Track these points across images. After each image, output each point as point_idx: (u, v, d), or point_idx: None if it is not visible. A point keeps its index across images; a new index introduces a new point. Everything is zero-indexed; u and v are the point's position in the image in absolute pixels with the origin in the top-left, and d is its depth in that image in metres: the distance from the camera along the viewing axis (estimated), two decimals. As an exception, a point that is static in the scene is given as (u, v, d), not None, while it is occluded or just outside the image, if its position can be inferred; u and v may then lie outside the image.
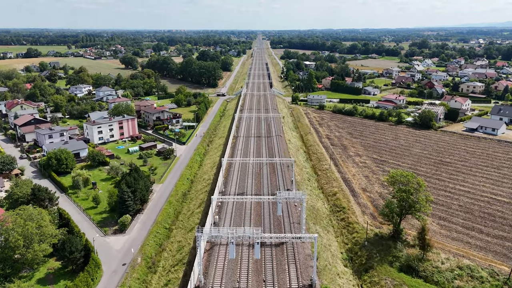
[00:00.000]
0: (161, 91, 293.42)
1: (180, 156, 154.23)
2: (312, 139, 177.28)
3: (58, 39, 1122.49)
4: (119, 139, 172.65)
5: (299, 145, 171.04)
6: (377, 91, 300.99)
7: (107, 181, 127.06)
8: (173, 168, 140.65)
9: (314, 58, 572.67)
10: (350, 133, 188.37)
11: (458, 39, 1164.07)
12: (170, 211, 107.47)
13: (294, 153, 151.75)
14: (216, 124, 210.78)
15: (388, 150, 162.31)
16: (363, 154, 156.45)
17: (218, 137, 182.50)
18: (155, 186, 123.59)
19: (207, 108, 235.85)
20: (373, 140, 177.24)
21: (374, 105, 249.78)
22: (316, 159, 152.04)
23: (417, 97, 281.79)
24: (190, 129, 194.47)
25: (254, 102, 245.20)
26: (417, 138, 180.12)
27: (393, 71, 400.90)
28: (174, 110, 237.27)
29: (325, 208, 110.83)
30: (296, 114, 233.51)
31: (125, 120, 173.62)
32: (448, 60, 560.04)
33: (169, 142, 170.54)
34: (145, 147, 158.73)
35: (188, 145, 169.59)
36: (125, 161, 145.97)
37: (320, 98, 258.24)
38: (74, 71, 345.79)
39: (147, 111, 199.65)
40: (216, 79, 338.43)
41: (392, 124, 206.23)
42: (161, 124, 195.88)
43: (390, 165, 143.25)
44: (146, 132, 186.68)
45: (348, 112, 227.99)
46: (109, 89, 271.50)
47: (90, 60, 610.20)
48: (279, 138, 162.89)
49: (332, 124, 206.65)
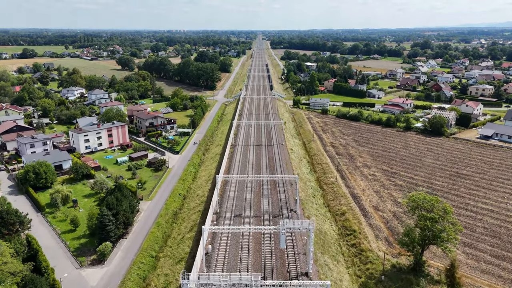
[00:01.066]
0: (157, 94, 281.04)
1: (173, 167, 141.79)
2: (316, 148, 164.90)
3: (56, 39, 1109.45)
4: (108, 148, 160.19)
5: (302, 154, 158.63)
6: (381, 93, 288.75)
7: (90, 198, 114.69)
8: (165, 182, 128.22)
9: (315, 59, 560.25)
10: (356, 141, 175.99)
11: (460, 40, 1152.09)
12: (158, 234, 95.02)
13: (297, 164, 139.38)
14: (213, 130, 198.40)
15: (398, 160, 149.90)
16: (371, 165, 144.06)
17: (215, 145, 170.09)
18: (143, 204, 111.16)
19: (204, 113, 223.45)
20: (381, 148, 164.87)
21: (379, 109, 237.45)
22: (321, 171, 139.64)
23: (424, 100, 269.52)
24: (185, 136, 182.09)
25: (253, 106, 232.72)
26: (429, 146, 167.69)
27: (397, 73, 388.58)
28: (170, 114, 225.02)
29: (333, 230, 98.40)
30: (298, 119, 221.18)
31: (115, 127, 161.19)
32: (452, 61, 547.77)
33: (161, 151, 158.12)
34: (135, 157, 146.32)
35: (182, 154, 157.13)
36: (112, 173, 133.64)
37: (323, 101, 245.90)
38: (67, 73, 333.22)
39: (140, 116, 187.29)
40: (214, 81, 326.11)
41: (400, 130, 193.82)
42: (154, 131, 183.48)
43: (401, 178, 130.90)
44: (138, 139, 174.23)
45: (353, 117, 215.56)
46: (101, 92, 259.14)
47: (86, 60, 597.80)
48: (280, 147, 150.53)
49: (336, 130, 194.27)
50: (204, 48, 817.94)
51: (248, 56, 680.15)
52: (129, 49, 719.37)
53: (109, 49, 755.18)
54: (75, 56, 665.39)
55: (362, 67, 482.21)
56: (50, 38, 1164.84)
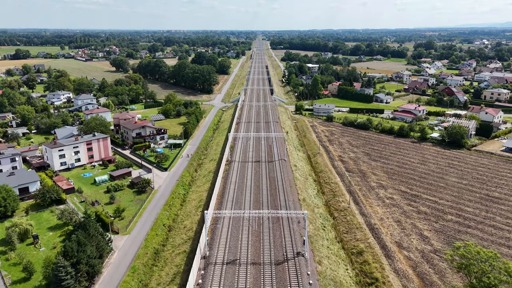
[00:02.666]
0: (149, 99, 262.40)
1: (159, 188, 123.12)
2: (323, 162, 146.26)
3: (52, 40, 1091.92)
4: (88, 164, 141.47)
5: (307, 171, 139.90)
6: (389, 98, 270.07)
7: (56, 230, 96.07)
8: (148, 208, 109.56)
9: (317, 60, 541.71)
10: (367, 154, 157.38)
11: (462, 40, 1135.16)
12: (133, 285, 76.41)
13: (302, 184, 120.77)
14: (208, 140, 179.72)
15: (417, 178, 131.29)
16: (387, 185, 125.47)
17: (209, 159, 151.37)
18: (118, 239, 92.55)
19: (199, 121, 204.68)
20: (396, 163, 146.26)
21: (389, 116, 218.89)
22: (329, 192, 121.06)
23: (435, 105, 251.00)
24: (177, 147, 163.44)
25: (252, 114, 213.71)
26: (449, 161, 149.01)
27: (404, 75, 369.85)
28: (161, 122, 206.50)
29: (350, 277, 79.79)
30: (301, 127, 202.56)
31: (95, 140, 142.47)
32: (458, 62, 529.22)
33: (148, 167, 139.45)
34: (117, 176, 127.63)
35: (171, 171, 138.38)
36: (88, 197, 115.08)
37: (327, 107, 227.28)
38: (54, 75, 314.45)
39: (126, 126, 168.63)
40: (211, 84, 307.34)
41: (415, 141, 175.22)
42: (143, 142, 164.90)
43: (424, 203, 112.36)
44: (123, 153, 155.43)
45: (361, 125, 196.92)
46: (89, 96, 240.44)
47: (80, 62, 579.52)
48: (282, 164, 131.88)
49: (344, 141, 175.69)
50: (203, 48, 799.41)
51: (248, 57, 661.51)
52: (126, 49, 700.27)
53: (105, 50, 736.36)
54: (70, 57, 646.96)
55: (365, 68, 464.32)
56: (47, 39, 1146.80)
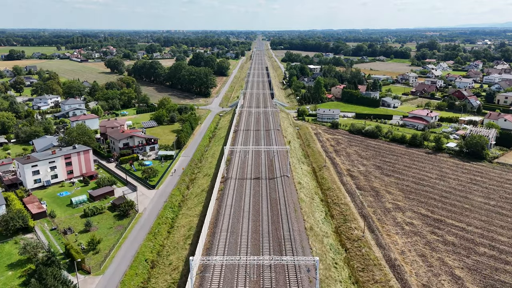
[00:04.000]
0: (142, 103, 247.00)
1: (144, 210, 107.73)
2: (330, 178, 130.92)
3: (50, 40, 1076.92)
4: (66, 180, 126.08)
5: (313, 188, 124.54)
6: (397, 102, 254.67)
7: (17, 269, 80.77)
8: (129, 237, 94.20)
9: (318, 61, 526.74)
10: (379, 167, 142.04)
11: (464, 40, 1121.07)
12: None
13: (308, 207, 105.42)
14: (203, 151, 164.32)
15: (437, 198, 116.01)
16: (405, 206, 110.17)
17: (202, 174, 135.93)
18: (89, 282, 77.21)
19: (193, 128, 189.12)
20: (412, 178, 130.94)
21: (398, 123, 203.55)
22: (339, 215, 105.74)
23: (446, 110, 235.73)
24: (168, 159, 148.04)
25: (251, 121, 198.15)
26: (471, 176, 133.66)
27: (410, 77, 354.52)
28: (153, 129, 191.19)
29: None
30: (305, 135, 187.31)
31: (75, 153, 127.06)
32: (464, 63, 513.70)
33: (134, 184, 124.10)
34: (97, 196, 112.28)
35: (160, 188, 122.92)
36: (61, 222, 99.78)
37: (332, 113, 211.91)
38: (43, 78, 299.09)
39: (112, 136, 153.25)
40: (208, 87, 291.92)
41: (430, 151, 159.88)
42: (130, 154, 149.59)
43: (450, 230, 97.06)
44: (107, 167, 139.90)
45: (370, 133, 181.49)
46: (77, 101, 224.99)
47: (75, 62, 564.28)
48: (285, 181, 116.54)
49: (352, 151, 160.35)
50: (202, 49, 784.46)
51: (247, 57, 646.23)
52: (123, 50, 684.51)
53: (102, 50, 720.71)
54: (65, 57, 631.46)
55: (369, 70, 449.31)
56: (44, 39, 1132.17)
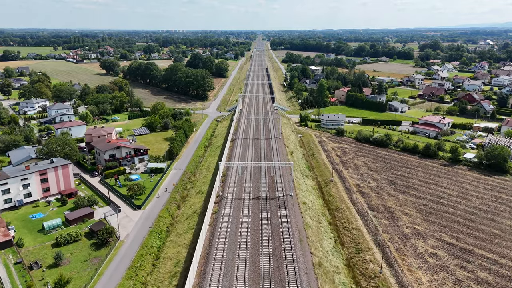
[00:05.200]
0: (135, 107, 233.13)
1: (127, 237, 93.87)
2: (338, 195, 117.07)
3: (47, 40, 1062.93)
4: (41, 199, 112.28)
5: (320, 208, 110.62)
6: (405, 106, 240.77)
7: (-34, 318, 67.00)
8: (106, 273, 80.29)
9: (320, 62, 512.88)
10: (392, 182, 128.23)
11: (466, 40, 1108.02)
12: None
13: (315, 234, 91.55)
14: (197, 162, 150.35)
15: (461, 221, 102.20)
16: (425, 232, 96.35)
17: (196, 190, 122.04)
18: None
19: (188, 136, 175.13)
20: (429, 196, 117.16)
21: (409, 129, 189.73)
22: (351, 243, 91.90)
23: (457, 115, 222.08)
24: (158, 173, 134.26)
25: (251, 129, 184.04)
26: (495, 193, 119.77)
27: (416, 79, 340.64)
28: (144, 137, 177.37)
29: None
30: (308, 143, 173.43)
31: (52, 168, 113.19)
32: (469, 64, 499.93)
33: (118, 204, 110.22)
34: (73, 219, 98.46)
35: (147, 209, 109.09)
36: (28, 253, 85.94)
37: (337, 119, 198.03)
38: (31, 80, 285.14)
39: (97, 146, 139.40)
40: (205, 90, 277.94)
41: (446, 163, 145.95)
42: (117, 166, 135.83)
43: (481, 264, 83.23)
44: (90, 182, 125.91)
45: (378, 142, 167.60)
46: (65, 106, 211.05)
47: (70, 63, 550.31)
48: (288, 202, 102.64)
49: (360, 163, 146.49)
50: (201, 49, 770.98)
51: (247, 58, 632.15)
52: (121, 50, 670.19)
53: (99, 51, 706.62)
54: (61, 58, 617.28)
55: (372, 71, 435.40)
56: (42, 39, 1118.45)
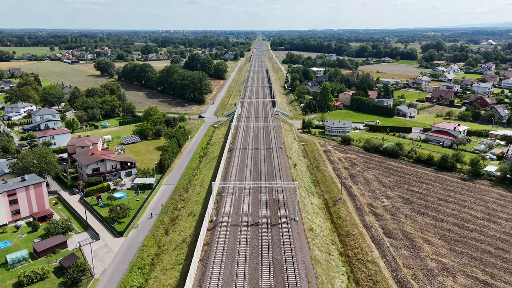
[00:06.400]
0: (127, 112, 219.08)
1: (103, 273, 79.81)
2: (348, 218, 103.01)
3: (45, 40, 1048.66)
4: (10, 223, 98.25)
5: (328, 234, 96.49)
6: (413, 111, 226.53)
7: None
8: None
9: (321, 63, 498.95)
10: (407, 200, 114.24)
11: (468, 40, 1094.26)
12: None
13: (325, 273, 77.46)
14: (191, 175, 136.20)
15: (493, 251, 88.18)
16: (453, 266, 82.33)
17: (187, 211, 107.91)
18: None
19: (181, 146, 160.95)
20: (452, 218, 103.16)
21: (420, 137, 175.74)
22: (366, 281, 77.82)
23: (470, 121, 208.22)
24: (146, 189, 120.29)
25: (250, 138, 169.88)
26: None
27: (422, 81, 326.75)
28: (135, 146, 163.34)
29: None
30: (312, 153, 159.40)
31: (22, 188, 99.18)
32: (475, 65, 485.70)
33: (98, 229, 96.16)
34: (42, 250, 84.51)
35: (130, 235, 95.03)
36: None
37: (343, 125, 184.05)
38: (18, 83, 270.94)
39: (79, 159, 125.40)
40: (202, 93, 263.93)
41: (465, 177, 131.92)
42: (101, 182, 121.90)
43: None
44: (68, 202, 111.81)
45: (389, 152, 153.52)
46: (51, 111, 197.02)
47: (66, 64, 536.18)
48: (292, 228, 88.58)
49: (370, 177, 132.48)
50: (200, 49, 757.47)
51: (247, 59, 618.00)
52: (118, 51, 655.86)
53: (96, 51, 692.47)
54: (56, 59, 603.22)
55: (375, 72, 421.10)
56: (40, 39, 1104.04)
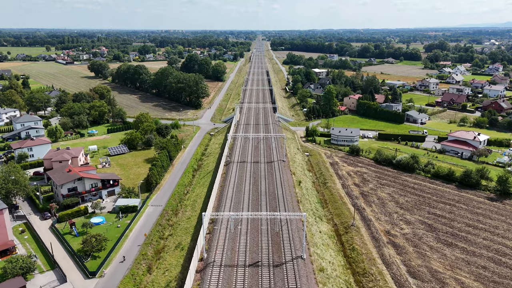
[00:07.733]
0: (117, 118, 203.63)
1: (66, 332, 64.44)
2: (364, 251, 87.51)
3: (42, 40, 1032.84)
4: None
5: (341, 273, 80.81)
6: (424, 117, 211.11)
7: None
8: None
9: (323, 64, 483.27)
10: (430, 226, 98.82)
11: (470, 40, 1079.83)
12: None
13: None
14: (182, 193, 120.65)
15: (542, 297, 72.96)
16: (497, 320, 67.01)
17: (175, 240, 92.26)
18: None
19: (172, 159, 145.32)
20: (485, 251, 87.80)
21: (435, 147, 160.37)
22: None
23: (487, 128, 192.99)
24: (130, 212, 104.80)
25: (248, 149, 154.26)
26: None
27: (430, 83, 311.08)
28: (122, 158, 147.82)
29: None
30: (317, 166, 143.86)
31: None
32: (482, 66, 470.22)
33: (66, 266, 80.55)
34: (-6, 300, 69.09)
35: (105, 275, 79.50)
36: None
37: (350, 134, 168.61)
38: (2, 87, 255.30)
39: (53, 177, 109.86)
40: (199, 97, 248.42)
41: (492, 196, 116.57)
42: (78, 203, 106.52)
43: None
44: (36, 230, 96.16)
45: (403, 165, 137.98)
46: (33, 118, 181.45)
47: (60, 65, 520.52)
48: (300, 270, 73.22)
49: (385, 196, 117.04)
50: (199, 50, 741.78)
51: (246, 59, 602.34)
52: (114, 51, 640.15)
53: (92, 51, 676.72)
54: (51, 59, 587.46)
55: (379, 73, 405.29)
56: (37, 39, 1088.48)
